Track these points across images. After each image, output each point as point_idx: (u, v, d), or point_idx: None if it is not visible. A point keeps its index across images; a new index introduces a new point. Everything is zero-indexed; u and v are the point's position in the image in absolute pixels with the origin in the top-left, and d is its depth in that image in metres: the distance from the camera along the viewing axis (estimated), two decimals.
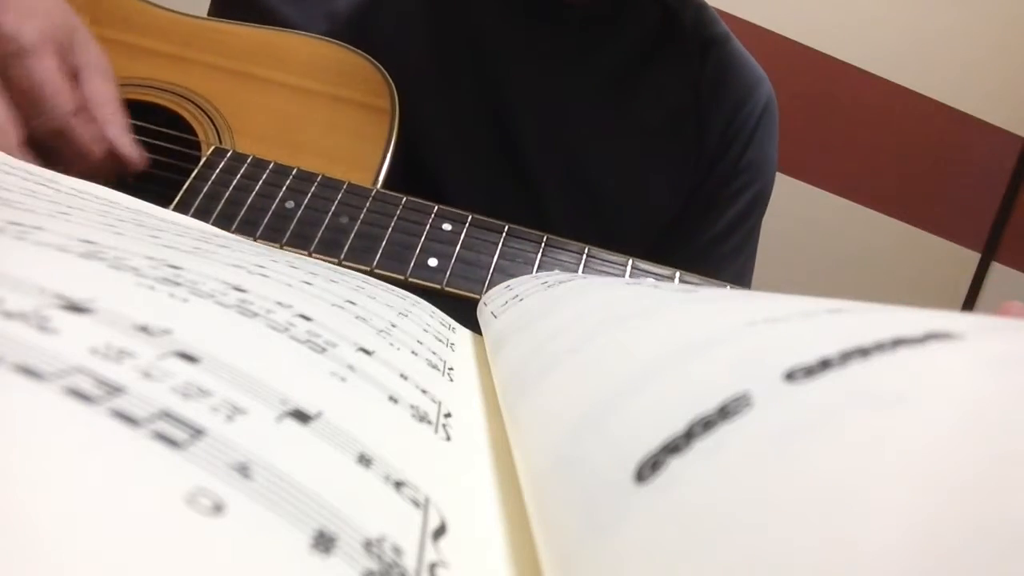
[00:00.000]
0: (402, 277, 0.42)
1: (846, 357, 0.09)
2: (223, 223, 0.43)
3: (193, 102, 0.49)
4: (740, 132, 0.58)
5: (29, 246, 0.12)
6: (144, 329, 0.10)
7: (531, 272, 0.43)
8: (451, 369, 0.20)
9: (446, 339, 0.23)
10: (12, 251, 0.12)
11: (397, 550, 0.09)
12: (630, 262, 0.44)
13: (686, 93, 0.57)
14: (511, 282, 0.31)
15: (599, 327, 0.16)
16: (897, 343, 0.09)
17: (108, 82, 0.42)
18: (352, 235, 0.43)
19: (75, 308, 0.10)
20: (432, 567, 0.09)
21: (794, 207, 1.40)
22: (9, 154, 0.36)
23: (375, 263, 0.42)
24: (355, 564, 0.08)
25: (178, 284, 0.13)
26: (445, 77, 0.55)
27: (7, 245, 0.12)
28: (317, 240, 0.42)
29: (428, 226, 0.44)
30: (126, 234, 0.17)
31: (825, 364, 0.09)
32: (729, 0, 1.32)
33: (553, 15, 0.55)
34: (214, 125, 0.48)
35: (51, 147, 0.39)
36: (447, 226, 0.44)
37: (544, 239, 0.44)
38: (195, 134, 0.48)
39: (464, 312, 0.31)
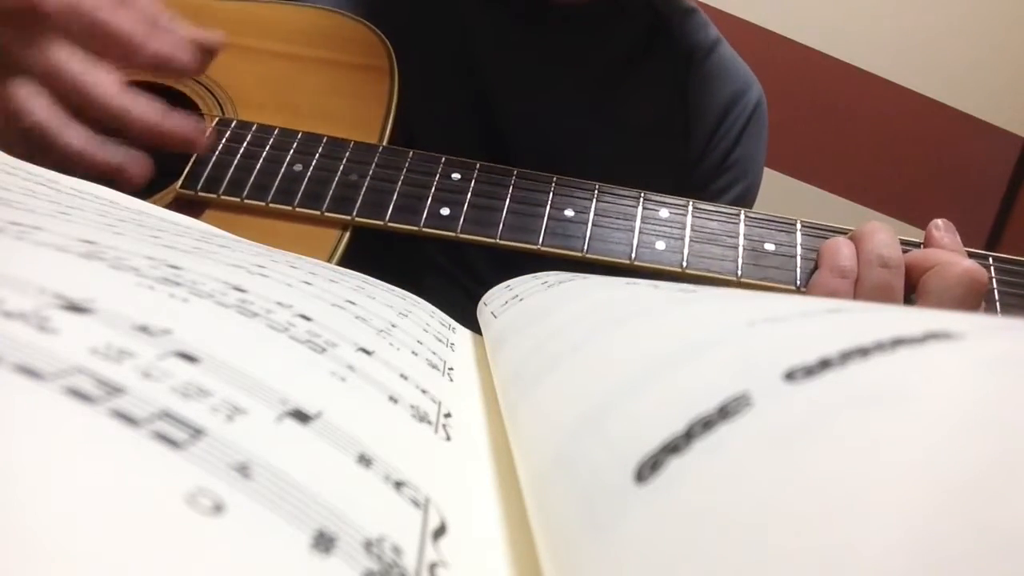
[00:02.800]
0: (416, 228, 0.42)
1: (846, 357, 0.09)
2: (234, 190, 0.43)
3: (192, 78, 0.49)
4: (728, 132, 0.59)
5: (29, 246, 0.12)
6: (144, 329, 0.10)
7: (544, 212, 0.43)
8: (451, 369, 0.20)
9: (446, 339, 0.23)
10: (12, 251, 0.12)
11: (397, 550, 0.09)
12: (642, 195, 0.44)
13: (675, 95, 0.58)
14: (511, 282, 0.31)
15: (599, 327, 0.16)
16: (897, 343, 0.09)
17: None
18: (363, 191, 0.43)
19: (75, 308, 0.10)
20: (432, 567, 0.09)
21: (794, 207, 1.40)
22: (119, 101, 0.37)
23: (388, 217, 0.42)
24: (355, 564, 0.08)
25: (178, 284, 0.13)
26: (434, 79, 0.55)
27: (7, 245, 0.12)
28: (328, 199, 0.43)
29: (437, 176, 0.44)
30: (126, 234, 0.17)
31: (825, 364, 0.09)
32: (730, 0, 1.32)
33: (543, 18, 0.55)
34: (215, 98, 0.48)
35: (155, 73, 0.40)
36: (456, 175, 0.44)
37: (554, 179, 0.44)
38: (197, 109, 0.48)
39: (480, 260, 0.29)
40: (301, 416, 0.11)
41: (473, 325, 0.29)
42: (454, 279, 0.56)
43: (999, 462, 0.06)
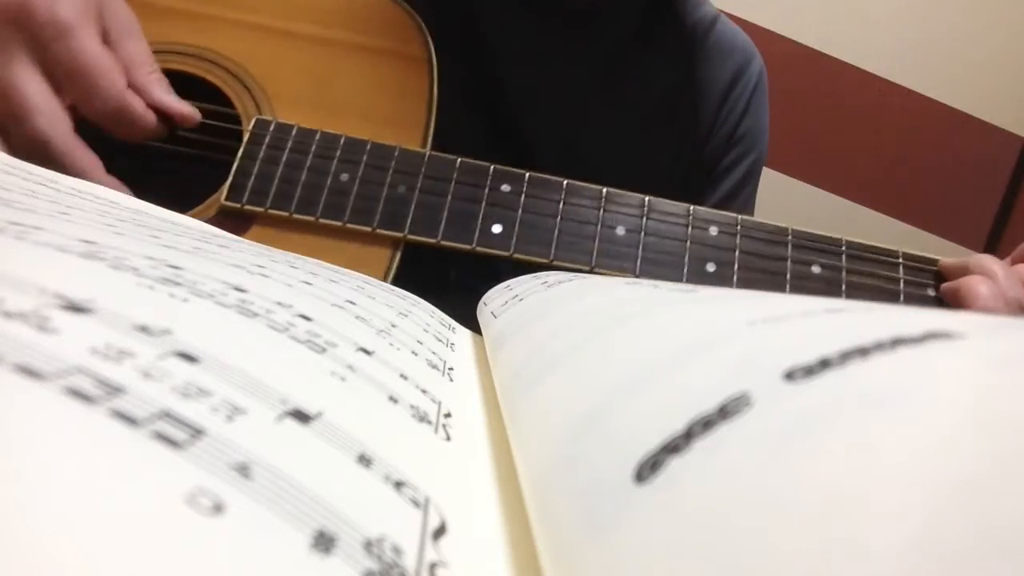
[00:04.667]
0: (469, 247, 0.42)
1: (845, 357, 0.09)
2: (281, 204, 0.42)
3: (223, 67, 0.47)
4: (735, 106, 0.60)
5: (29, 246, 0.12)
6: (144, 329, 0.10)
7: (595, 232, 0.42)
8: (451, 369, 0.20)
9: (446, 339, 0.23)
10: (12, 251, 0.12)
11: (397, 550, 0.09)
12: (691, 211, 0.43)
13: (681, 73, 0.59)
14: (510, 282, 0.31)
15: (599, 327, 0.16)
16: (896, 343, 0.09)
17: (140, 41, 0.40)
18: (413, 206, 0.42)
19: (75, 308, 0.10)
20: (432, 567, 0.09)
21: (794, 207, 1.40)
22: (64, 142, 0.35)
23: (440, 235, 0.42)
24: (355, 564, 0.08)
25: (178, 284, 0.13)
26: (441, 60, 0.55)
27: (7, 245, 0.12)
28: (379, 215, 0.42)
29: (487, 189, 0.43)
30: (126, 234, 0.17)
31: (825, 364, 0.09)
32: (729, 0, 1.32)
33: (548, 2, 0.55)
34: (248, 92, 0.46)
35: (103, 126, 0.38)
36: (506, 187, 0.43)
37: (604, 193, 0.44)
38: (230, 103, 0.46)
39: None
40: (301, 416, 0.11)
41: (476, 326, 0.29)
42: (473, 289, 0.56)
43: (999, 461, 0.06)
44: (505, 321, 0.23)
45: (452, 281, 0.56)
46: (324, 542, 0.08)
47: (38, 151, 0.36)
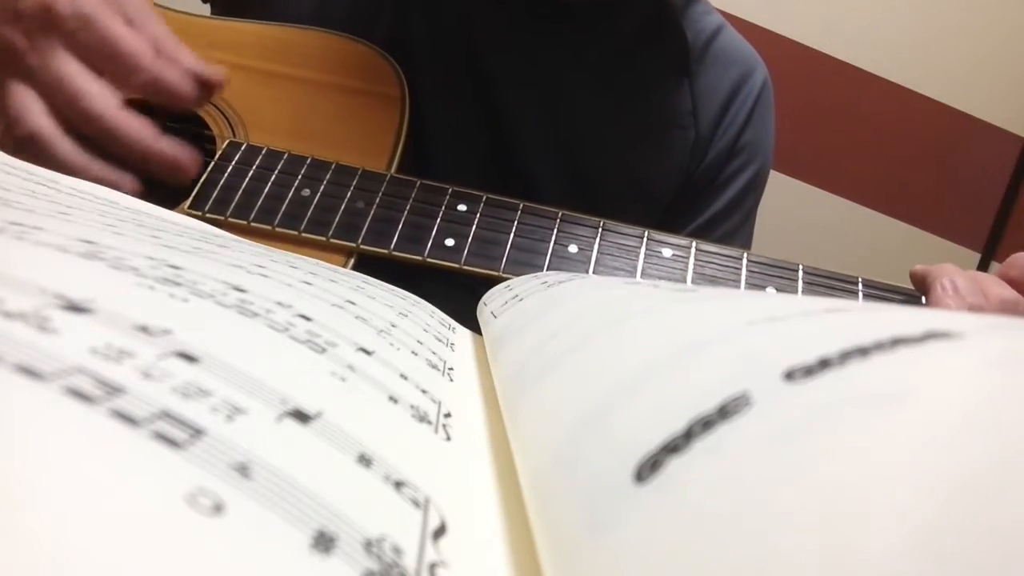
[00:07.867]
0: (420, 258, 0.43)
1: (845, 357, 0.09)
2: (241, 213, 0.43)
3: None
4: (737, 116, 0.59)
5: (29, 246, 0.12)
6: (144, 329, 0.10)
7: (547, 248, 0.43)
8: (451, 369, 0.20)
9: (446, 339, 0.23)
10: (12, 251, 0.12)
11: (397, 550, 0.09)
12: (646, 233, 0.44)
13: (681, 83, 0.58)
14: (511, 282, 0.31)
15: (599, 327, 0.16)
16: (896, 342, 0.09)
17: (160, 23, 0.42)
18: (369, 219, 0.43)
19: (75, 308, 0.10)
20: (432, 567, 0.09)
21: (794, 207, 1.40)
22: (115, 114, 0.38)
23: (393, 245, 0.43)
24: (355, 564, 0.08)
25: (178, 284, 0.13)
26: (439, 76, 0.55)
27: (7, 245, 0.12)
28: (335, 225, 0.43)
29: (443, 207, 0.44)
30: (126, 234, 0.17)
31: (824, 364, 0.09)
32: (729, 0, 1.32)
33: (546, 11, 0.55)
34: (227, 120, 0.48)
35: (145, 101, 0.40)
36: (462, 207, 0.45)
37: (559, 215, 0.45)
38: (209, 130, 0.48)
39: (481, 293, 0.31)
40: (301, 416, 0.11)
41: (476, 325, 0.29)
42: (456, 280, 0.56)
43: (999, 461, 0.06)
44: (505, 321, 0.23)
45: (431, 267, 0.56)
46: (324, 542, 0.08)
47: (94, 128, 0.38)
